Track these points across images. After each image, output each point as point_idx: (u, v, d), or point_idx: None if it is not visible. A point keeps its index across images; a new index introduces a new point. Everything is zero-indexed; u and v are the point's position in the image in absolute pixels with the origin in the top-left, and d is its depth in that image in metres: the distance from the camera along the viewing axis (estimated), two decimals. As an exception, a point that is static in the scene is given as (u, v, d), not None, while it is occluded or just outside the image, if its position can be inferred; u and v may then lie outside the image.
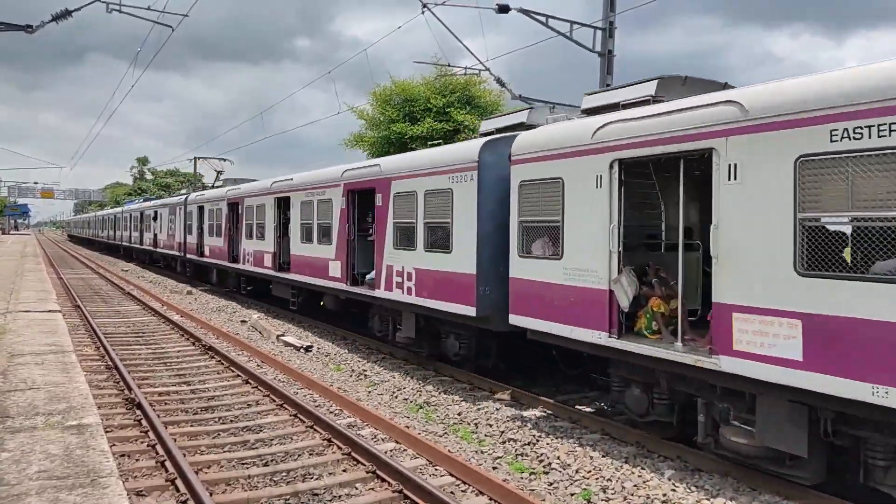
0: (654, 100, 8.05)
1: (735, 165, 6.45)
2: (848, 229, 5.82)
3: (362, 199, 14.32)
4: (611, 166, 7.84)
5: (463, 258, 10.45)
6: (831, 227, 5.84)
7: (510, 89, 16.32)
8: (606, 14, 15.93)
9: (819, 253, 5.81)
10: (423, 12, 15.70)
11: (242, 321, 18.08)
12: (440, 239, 11.10)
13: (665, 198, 9.47)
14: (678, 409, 7.68)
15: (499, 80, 16.60)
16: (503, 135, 10.64)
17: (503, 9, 15.29)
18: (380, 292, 12.74)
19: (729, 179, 6.52)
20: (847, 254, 5.75)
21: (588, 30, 16.11)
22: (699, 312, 8.54)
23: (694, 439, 7.36)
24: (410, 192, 11.85)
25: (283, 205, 18.21)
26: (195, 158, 36.94)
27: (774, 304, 6.10)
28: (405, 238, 12.05)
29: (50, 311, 12.36)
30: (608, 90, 9.53)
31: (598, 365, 9.66)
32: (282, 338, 15.23)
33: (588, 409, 9.60)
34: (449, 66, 24.86)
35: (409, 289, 11.80)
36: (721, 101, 6.71)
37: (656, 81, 8.19)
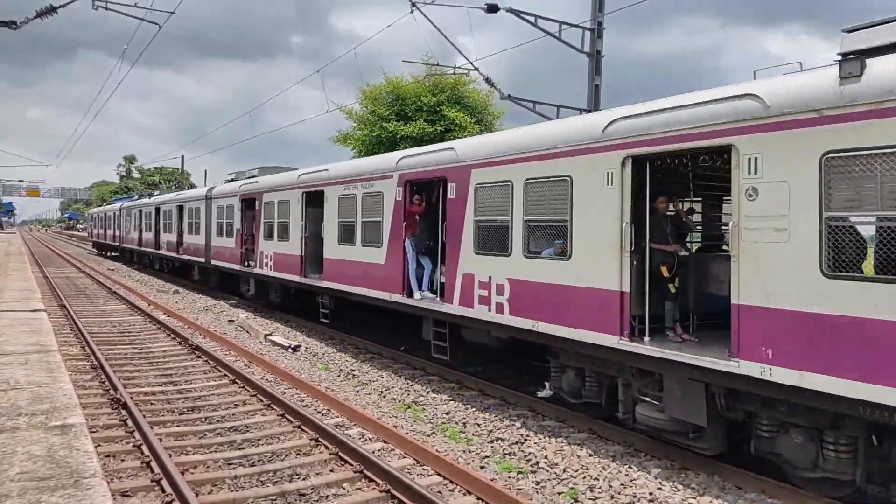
0: None
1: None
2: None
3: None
4: None
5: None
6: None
7: (499, 89, 16.34)
8: (595, 14, 15.98)
9: None
10: (412, 11, 15.68)
11: (230, 321, 17.98)
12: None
13: None
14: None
15: (488, 80, 16.60)
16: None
17: (492, 8, 15.29)
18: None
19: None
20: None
21: (578, 30, 16.17)
22: None
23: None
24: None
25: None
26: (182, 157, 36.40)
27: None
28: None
29: (34, 310, 12.21)
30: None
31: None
32: (269, 337, 15.17)
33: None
34: (438, 65, 24.83)
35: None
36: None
37: None
